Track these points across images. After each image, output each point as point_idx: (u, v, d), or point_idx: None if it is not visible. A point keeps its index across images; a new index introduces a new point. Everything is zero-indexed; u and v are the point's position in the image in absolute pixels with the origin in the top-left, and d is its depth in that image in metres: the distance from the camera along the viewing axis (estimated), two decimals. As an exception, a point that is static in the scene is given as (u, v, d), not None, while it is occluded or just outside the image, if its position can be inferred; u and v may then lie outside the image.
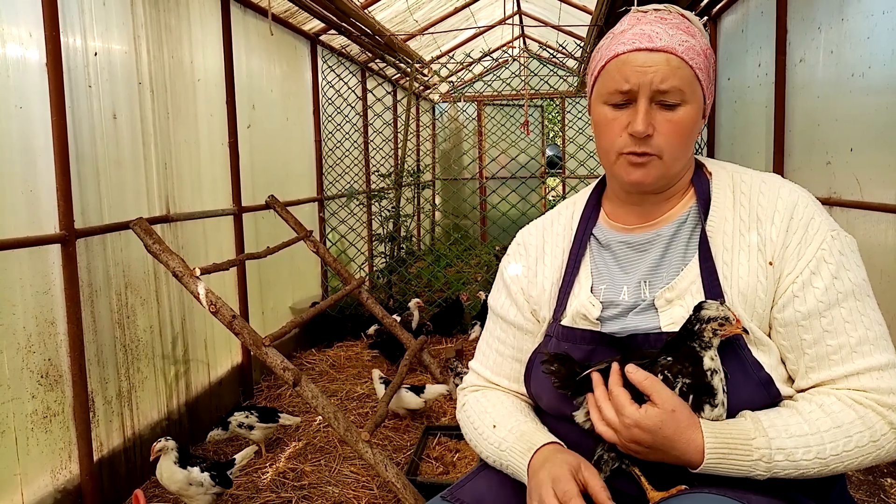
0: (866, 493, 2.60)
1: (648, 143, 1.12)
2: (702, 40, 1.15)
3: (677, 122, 1.12)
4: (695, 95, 1.13)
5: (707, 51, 1.15)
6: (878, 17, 2.64)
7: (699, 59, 1.12)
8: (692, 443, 1.01)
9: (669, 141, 1.12)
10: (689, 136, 1.14)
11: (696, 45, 1.13)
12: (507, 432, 1.21)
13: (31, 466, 2.30)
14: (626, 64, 1.12)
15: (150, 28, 3.01)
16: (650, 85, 1.10)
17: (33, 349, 2.31)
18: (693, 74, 1.12)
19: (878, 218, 2.69)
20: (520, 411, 1.27)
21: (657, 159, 1.13)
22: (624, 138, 1.13)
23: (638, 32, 1.13)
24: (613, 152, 1.16)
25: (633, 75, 1.11)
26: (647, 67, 1.10)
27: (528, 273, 1.32)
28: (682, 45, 1.11)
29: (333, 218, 5.67)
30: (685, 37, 1.12)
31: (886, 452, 1.04)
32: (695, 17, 1.18)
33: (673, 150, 1.13)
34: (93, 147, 2.60)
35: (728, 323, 1.04)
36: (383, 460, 2.40)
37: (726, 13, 4.62)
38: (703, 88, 1.14)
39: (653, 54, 1.10)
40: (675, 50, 1.10)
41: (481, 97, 9.25)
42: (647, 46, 1.11)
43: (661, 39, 1.11)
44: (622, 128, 1.13)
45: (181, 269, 2.51)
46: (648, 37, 1.11)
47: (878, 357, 1.05)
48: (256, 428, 3.02)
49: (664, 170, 1.14)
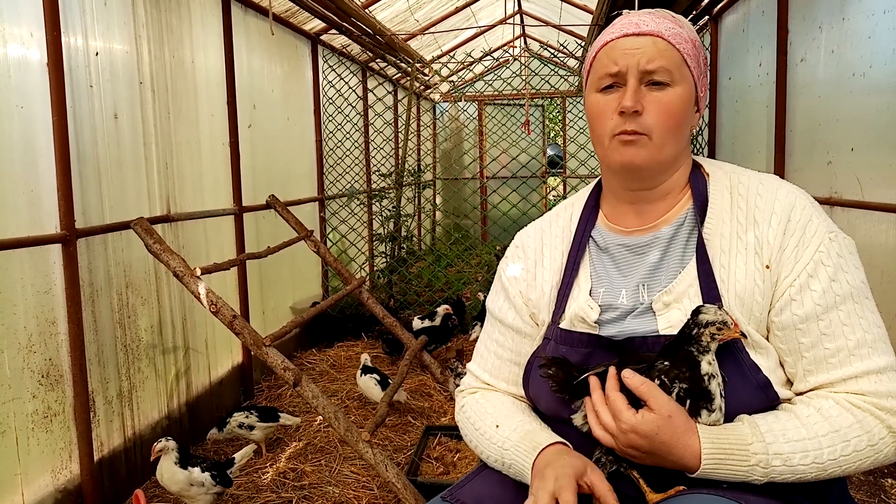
0: (867, 493, 2.60)
1: (637, 122, 1.13)
2: (691, 33, 1.18)
3: (667, 103, 1.13)
4: (684, 78, 1.15)
5: (696, 42, 1.17)
6: (879, 16, 2.64)
7: (687, 45, 1.15)
8: (689, 448, 1.01)
9: (658, 120, 1.13)
10: (678, 118, 1.14)
11: (685, 33, 1.16)
12: (511, 431, 1.20)
13: (32, 466, 2.30)
14: (615, 48, 1.16)
15: (151, 28, 3.01)
16: (637, 66, 1.13)
17: (34, 349, 2.31)
18: (681, 57, 1.14)
19: (879, 218, 2.68)
20: (522, 412, 1.27)
21: (647, 139, 1.14)
22: (615, 119, 1.15)
23: (626, 22, 1.17)
24: (606, 136, 1.17)
25: (620, 57, 1.14)
26: (634, 49, 1.14)
27: (527, 276, 1.32)
28: (668, 31, 1.15)
29: (334, 218, 5.67)
30: (672, 24, 1.16)
31: (885, 456, 1.04)
32: (685, 20, 1.21)
33: (662, 130, 1.14)
34: (94, 147, 2.61)
35: (726, 327, 1.04)
36: (384, 460, 2.40)
37: (727, 13, 4.62)
38: (692, 74, 1.16)
39: (639, 38, 1.14)
40: (662, 34, 1.14)
41: (482, 97, 9.25)
42: (633, 31, 1.15)
43: (647, 25, 1.15)
44: (613, 110, 1.15)
45: (182, 269, 2.51)
46: (636, 24, 1.16)
47: (877, 360, 1.05)
48: (257, 428, 3.02)
49: (654, 151, 1.15)
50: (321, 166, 5.42)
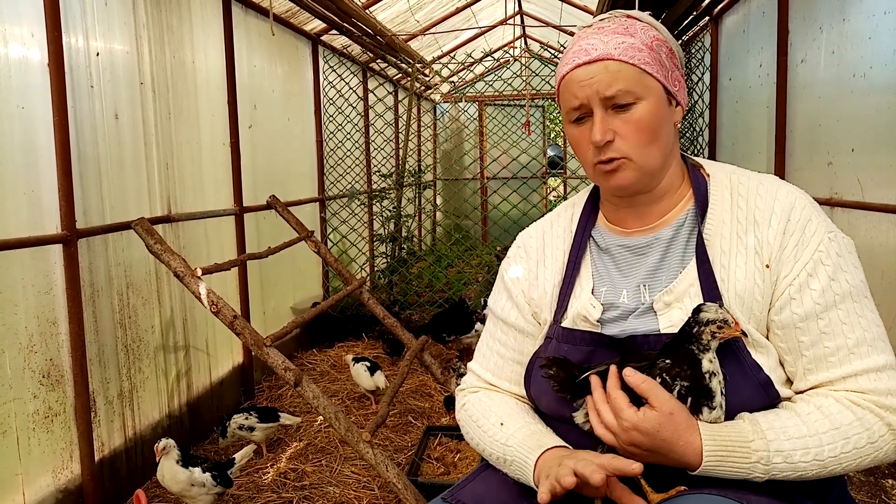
0: (867, 494, 2.60)
1: (611, 149, 1.14)
2: (645, 35, 1.15)
3: (636, 121, 1.13)
4: (647, 90, 1.13)
5: (653, 42, 1.15)
6: (879, 17, 2.64)
7: (641, 54, 1.13)
8: (690, 445, 1.01)
9: (632, 141, 1.13)
10: (652, 131, 1.14)
11: (637, 41, 1.13)
12: (516, 429, 1.21)
13: (33, 466, 2.30)
14: (571, 82, 1.16)
15: (151, 28, 3.01)
16: (596, 94, 1.13)
17: (35, 349, 2.31)
18: (638, 71, 1.12)
19: (880, 218, 2.68)
20: (526, 412, 1.28)
21: (628, 161, 1.14)
22: (592, 150, 1.16)
23: (577, 50, 1.16)
24: (589, 165, 1.19)
25: (578, 90, 1.14)
26: (588, 79, 1.13)
27: (529, 275, 1.32)
28: (618, 49, 1.13)
29: (335, 218, 5.68)
30: (622, 38, 1.13)
31: (884, 454, 1.04)
32: (643, 14, 1.19)
33: (639, 149, 1.14)
34: (94, 147, 2.61)
35: (727, 325, 1.04)
36: (384, 461, 2.40)
37: (727, 13, 4.62)
38: (658, 79, 1.14)
39: (590, 66, 1.13)
40: (612, 55, 1.12)
41: (482, 97, 9.25)
42: (584, 60, 1.14)
43: (596, 50, 1.13)
44: (588, 141, 1.16)
45: (182, 269, 2.51)
46: (585, 51, 1.14)
47: (876, 358, 1.05)
48: (257, 429, 3.02)
49: (638, 170, 1.15)
50: (322, 167, 5.42)
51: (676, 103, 1.19)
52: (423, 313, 5.49)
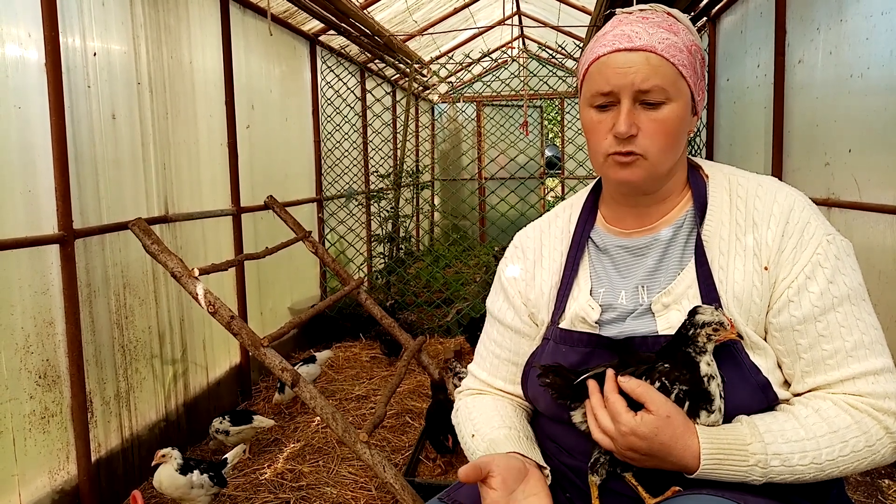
0: (864, 494, 2.60)
1: (633, 143, 1.11)
2: (686, 37, 1.13)
3: (662, 121, 1.10)
4: (679, 93, 1.11)
5: (692, 47, 1.13)
6: (876, 17, 2.64)
7: (682, 55, 1.10)
8: (688, 448, 1.01)
9: (654, 140, 1.11)
10: (675, 135, 1.12)
11: (679, 42, 1.11)
12: (481, 441, 1.23)
13: (29, 467, 2.30)
14: (607, 66, 1.11)
15: (149, 28, 3.00)
16: (631, 86, 1.09)
17: (31, 349, 2.31)
18: (676, 72, 1.10)
19: (877, 219, 2.69)
20: (500, 417, 1.27)
21: (643, 159, 1.12)
22: (610, 139, 1.12)
23: (618, 34, 1.11)
24: (601, 154, 1.15)
25: (613, 77, 1.10)
26: (627, 68, 1.09)
27: (526, 276, 1.32)
28: (662, 43, 1.09)
29: (332, 218, 5.67)
30: (666, 34, 1.10)
31: (882, 457, 1.04)
32: (682, 15, 1.16)
33: (658, 150, 1.11)
34: (92, 147, 2.60)
35: (722, 328, 1.04)
36: (381, 461, 2.40)
37: (725, 14, 4.62)
38: (689, 85, 1.12)
39: (632, 54, 1.09)
40: (655, 48, 1.09)
41: (480, 98, 9.25)
42: (626, 46, 1.09)
43: (640, 39, 1.09)
44: (608, 130, 1.12)
45: (180, 270, 2.50)
46: (628, 37, 1.10)
47: (874, 361, 1.05)
48: (231, 432, 2.99)
49: (651, 169, 1.13)
50: (319, 167, 5.42)
51: (695, 112, 1.18)
52: (420, 314, 5.49)
